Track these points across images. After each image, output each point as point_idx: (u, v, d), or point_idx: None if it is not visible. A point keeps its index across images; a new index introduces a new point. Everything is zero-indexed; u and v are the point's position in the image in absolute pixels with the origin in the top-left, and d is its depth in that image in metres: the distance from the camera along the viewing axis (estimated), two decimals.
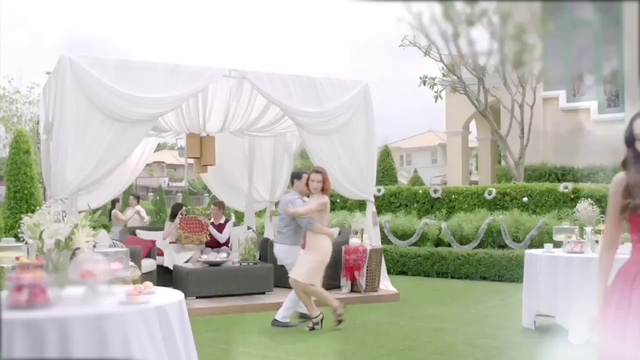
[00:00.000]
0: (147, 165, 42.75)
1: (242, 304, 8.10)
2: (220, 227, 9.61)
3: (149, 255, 8.95)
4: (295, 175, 7.20)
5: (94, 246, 3.49)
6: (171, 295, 3.47)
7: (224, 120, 9.38)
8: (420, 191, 12.99)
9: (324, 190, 6.77)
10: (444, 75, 15.37)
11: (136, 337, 2.95)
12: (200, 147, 9.90)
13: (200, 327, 6.83)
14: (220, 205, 10.02)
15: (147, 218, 14.15)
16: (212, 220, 9.71)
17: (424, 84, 15.42)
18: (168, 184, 50.18)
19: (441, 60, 14.74)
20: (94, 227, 3.57)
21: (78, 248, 3.33)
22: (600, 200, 10.81)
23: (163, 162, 58.31)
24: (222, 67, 8.39)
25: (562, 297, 6.11)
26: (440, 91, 16.09)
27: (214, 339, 6.34)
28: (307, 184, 6.83)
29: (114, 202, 13.43)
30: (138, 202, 14.29)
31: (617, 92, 15.46)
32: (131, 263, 7.09)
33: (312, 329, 6.75)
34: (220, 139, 10.32)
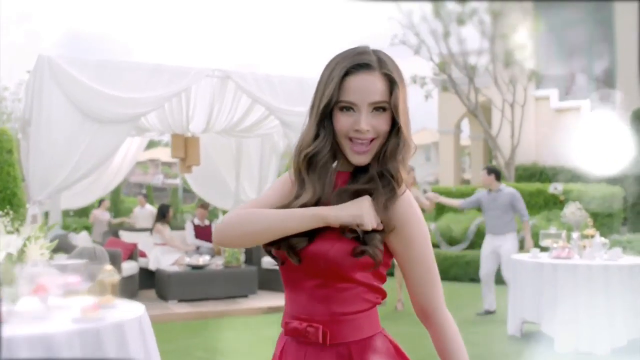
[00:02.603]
0: (141, 162, 42.26)
1: (225, 308, 7.94)
2: (205, 229, 9.50)
3: (131, 257, 8.79)
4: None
5: (50, 258, 3.34)
6: (131, 310, 3.31)
7: (208, 120, 9.23)
8: None
9: None
10: (435, 74, 15.24)
11: (87, 357, 2.79)
12: (185, 148, 9.76)
13: (179, 333, 6.69)
14: (205, 207, 9.95)
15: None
16: (196, 221, 9.59)
17: (414, 82, 15.29)
18: (163, 182, 49.91)
19: (431, 59, 14.60)
20: (74, 229, 3.43)
21: (31, 261, 3.17)
22: (590, 202, 10.70)
23: (158, 160, 58.04)
24: (205, 67, 8.24)
25: (548, 305, 5.96)
26: (431, 90, 15.95)
27: (192, 346, 6.19)
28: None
29: (100, 202, 13.20)
30: (147, 201, 14.03)
31: (610, 91, 15.35)
32: (110, 267, 6.95)
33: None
34: (209, 139, 10.19)
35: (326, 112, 1.55)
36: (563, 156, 14.38)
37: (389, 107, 1.54)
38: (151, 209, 12.66)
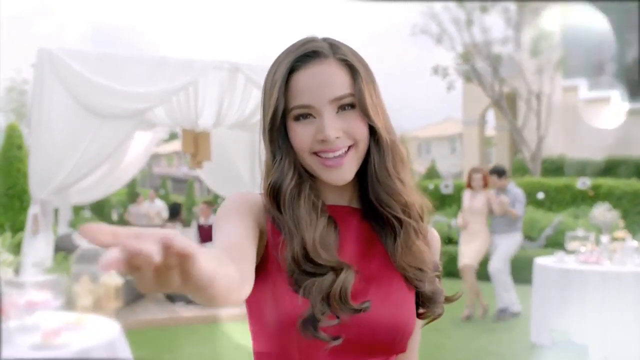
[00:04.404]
0: (167, 154, 42.01)
1: (232, 311, 7.60)
2: (210, 229, 9.19)
3: None
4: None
5: (15, 274, 3.02)
6: (102, 332, 2.97)
7: (217, 114, 8.90)
8: (431, 186, 12.48)
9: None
10: (457, 64, 14.74)
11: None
12: (196, 143, 9.48)
13: (183, 340, 6.40)
14: (210, 203, 9.68)
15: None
16: (201, 220, 9.31)
17: (436, 73, 14.80)
18: (185, 174, 49.96)
19: (453, 49, 14.12)
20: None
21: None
22: (620, 198, 10.18)
23: (181, 152, 58.14)
24: (213, 59, 7.94)
25: (576, 312, 5.52)
26: (454, 81, 15.45)
27: (194, 354, 5.88)
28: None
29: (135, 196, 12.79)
30: (157, 194, 13.68)
31: None
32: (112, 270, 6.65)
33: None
34: (222, 132, 9.89)
35: (276, 127, 1.12)
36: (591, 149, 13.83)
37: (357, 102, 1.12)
38: (160, 204, 12.28)
